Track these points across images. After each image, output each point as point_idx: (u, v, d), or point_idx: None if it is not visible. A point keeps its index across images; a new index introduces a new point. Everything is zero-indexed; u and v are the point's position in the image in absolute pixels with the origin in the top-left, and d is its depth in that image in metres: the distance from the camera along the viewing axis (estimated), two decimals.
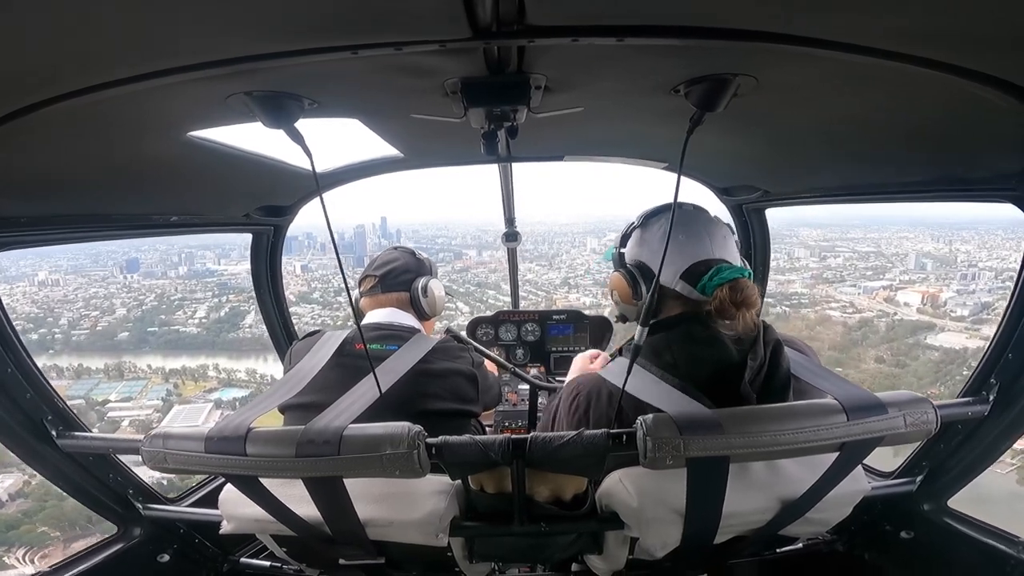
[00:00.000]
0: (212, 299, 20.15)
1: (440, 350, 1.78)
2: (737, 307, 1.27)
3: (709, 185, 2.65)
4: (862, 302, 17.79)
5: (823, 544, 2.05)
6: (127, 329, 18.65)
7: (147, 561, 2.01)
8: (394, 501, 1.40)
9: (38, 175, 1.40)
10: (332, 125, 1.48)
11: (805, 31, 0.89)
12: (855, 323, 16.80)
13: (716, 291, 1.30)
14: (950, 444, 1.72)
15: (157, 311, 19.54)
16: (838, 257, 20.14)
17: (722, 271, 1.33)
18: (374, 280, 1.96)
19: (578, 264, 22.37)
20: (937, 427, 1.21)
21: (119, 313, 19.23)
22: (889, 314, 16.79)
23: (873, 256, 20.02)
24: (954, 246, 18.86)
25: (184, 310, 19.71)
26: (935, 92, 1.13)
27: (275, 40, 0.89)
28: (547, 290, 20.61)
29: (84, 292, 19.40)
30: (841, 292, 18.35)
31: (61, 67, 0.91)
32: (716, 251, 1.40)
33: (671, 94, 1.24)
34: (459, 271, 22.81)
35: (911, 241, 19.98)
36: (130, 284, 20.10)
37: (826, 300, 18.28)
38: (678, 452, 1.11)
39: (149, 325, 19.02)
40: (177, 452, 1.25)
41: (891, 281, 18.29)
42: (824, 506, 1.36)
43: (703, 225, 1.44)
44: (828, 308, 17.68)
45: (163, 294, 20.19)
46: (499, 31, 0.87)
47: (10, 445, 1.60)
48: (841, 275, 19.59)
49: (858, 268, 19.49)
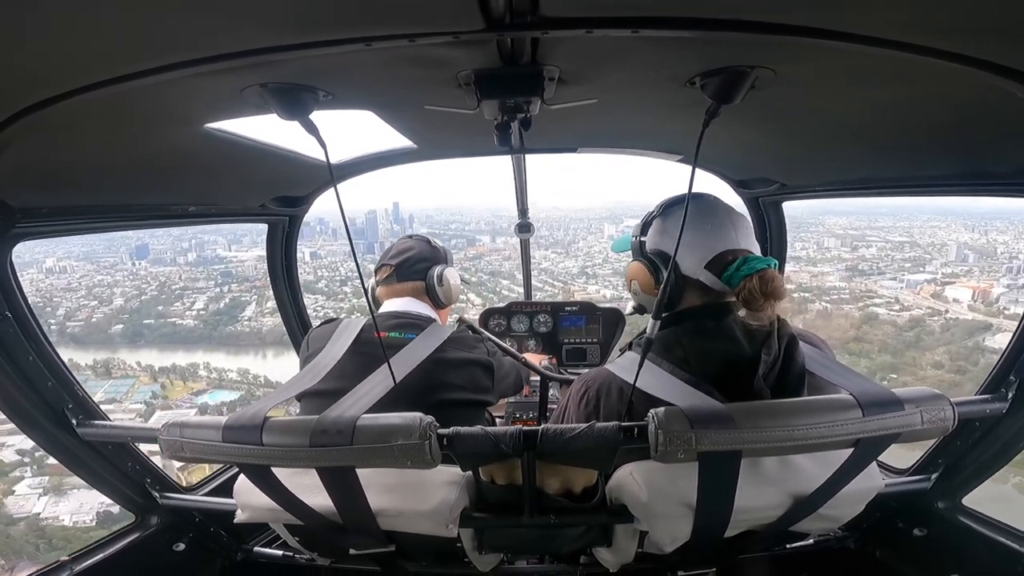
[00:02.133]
0: (214, 288, 19.87)
1: (456, 339, 1.83)
2: (766, 297, 1.28)
3: (725, 177, 2.67)
4: (907, 297, 17.17)
5: (834, 540, 2.08)
6: (122, 321, 18.30)
7: (163, 549, 2.09)
8: (405, 491, 1.44)
9: (59, 167, 1.46)
10: (346, 117, 1.52)
11: (824, 23, 0.90)
12: (905, 322, 16.21)
13: (744, 281, 1.31)
14: (967, 441, 1.74)
15: (156, 301, 19.19)
16: (870, 247, 19.63)
17: (750, 261, 1.34)
18: (390, 269, 1.99)
19: (596, 252, 22.12)
20: (955, 424, 1.22)
21: (116, 304, 18.86)
22: (940, 312, 16.13)
23: (908, 246, 19.46)
24: (990, 236, 18.31)
25: (183, 301, 19.35)
26: (956, 85, 1.13)
27: (290, 32, 0.92)
28: (564, 280, 20.40)
29: (90, 280, 19.17)
30: (881, 286, 17.74)
31: (81, 60, 0.95)
32: (742, 241, 1.43)
33: (686, 86, 1.26)
34: (472, 259, 22.69)
35: (944, 231, 19.43)
36: (136, 272, 19.95)
37: (867, 295, 17.67)
38: (690, 446, 1.13)
39: (146, 317, 18.71)
40: (194, 441, 1.29)
41: (934, 274, 17.71)
42: (837, 502, 1.38)
43: (728, 215, 1.46)
44: (872, 304, 17.05)
45: (165, 283, 19.88)
46: (513, 22, 0.89)
47: (31, 434, 1.68)
48: (878, 267, 19.01)
49: (895, 260, 18.96)
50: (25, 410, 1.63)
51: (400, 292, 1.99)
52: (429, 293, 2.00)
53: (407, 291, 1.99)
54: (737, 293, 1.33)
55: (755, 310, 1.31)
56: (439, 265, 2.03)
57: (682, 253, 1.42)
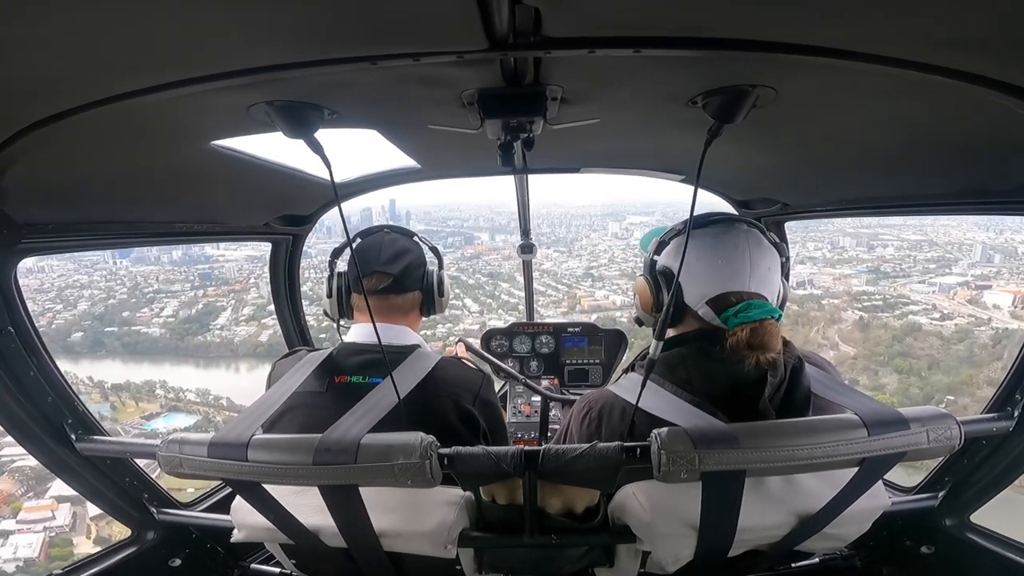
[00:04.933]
0: (190, 291, 19.00)
1: (438, 380, 1.63)
2: (752, 350, 1.32)
3: (727, 198, 2.75)
4: (943, 303, 16.78)
5: (840, 559, 2.12)
6: (84, 328, 17.34)
7: (159, 565, 2.13)
8: (404, 511, 1.46)
9: (65, 182, 1.51)
10: (351, 136, 1.58)
11: (825, 41, 0.94)
12: (951, 333, 15.81)
13: (736, 329, 1.34)
14: (974, 460, 1.80)
15: (123, 306, 18.18)
16: (887, 247, 19.53)
17: (751, 309, 1.35)
18: (388, 279, 1.71)
19: (600, 251, 22.00)
20: (961, 443, 1.25)
21: (81, 308, 17.94)
22: (983, 320, 15.68)
23: (926, 245, 19.29)
24: (1006, 236, 18.18)
25: (151, 307, 18.41)
26: (957, 102, 1.17)
27: (296, 50, 0.96)
28: (568, 283, 20.18)
29: (66, 280, 18.53)
30: (912, 290, 17.27)
31: (88, 77, 0.99)
32: (753, 284, 1.43)
33: (688, 105, 1.30)
34: (469, 258, 22.54)
35: (957, 229, 19.21)
36: (115, 271, 19.44)
37: (900, 300, 17.34)
38: (693, 466, 1.17)
39: (109, 324, 17.77)
40: (193, 457, 1.33)
41: (963, 276, 17.43)
42: (842, 521, 1.41)
43: (748, 253, 1.45)
44: (909, 312, 16.55)
45: (137, 286, 18.98)
46: (516, 42, 0.93)
47: (30, 448, 1.71)
48: (901, 268, 18.78)
49: (917, 260, 18.82)
50: (24, 424, 1.67)
51: (396, 307, 1.75)
52: (424, 304, 1.81)
53: (405, 306, 1.77)
54: (728, 336, 1.36)
55: (738, 359, 1.34)
56: (432, 267, 1.83)
57: (688, 281, 1.46)
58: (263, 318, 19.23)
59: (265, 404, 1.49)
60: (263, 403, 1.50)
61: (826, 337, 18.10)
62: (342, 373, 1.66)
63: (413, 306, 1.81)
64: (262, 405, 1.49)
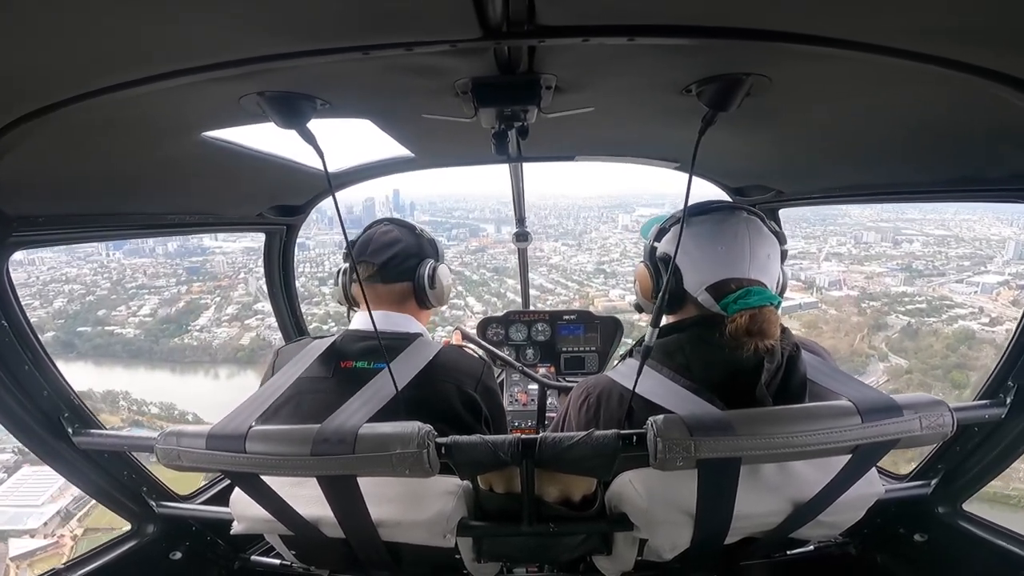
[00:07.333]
0: (174, 287, 18.40)
1: (440, 367, 1.69)
2: (751, 336, 1.36)
3: (721, 185, 2.81)
4: (988, 305, 16.27)
5: (835, 547, 2.19)
6: (56, 327, 16.63)
7: (160, 558, 2.18)
8: (403, 501, 1.50)
9: (56, 175, 1.53)
10: (344, 125, 1.61)
11: (819, 30, 0.95)
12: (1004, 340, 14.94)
13: (736, 315, 1.38)
14: (966, 447, 1.85)
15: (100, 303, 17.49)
16: (913, 243, 19.10)
17: (751, 296, 1.40)
18: (371, 268, 1.81)
19: (612, 245, 21.69)
20: (953, 430, 1.29)
21: (56, 306, 17.29)
22: None
23: (952, 241, 18.82)
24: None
25: (128, 305, 17.75)
26: (951, 90, 1.20)
27: (287, 40, 0.98)
28: (579, 280, 19.72)
29: (53, 274, 18.05)
30: (951, 290, 16.62)
31: (78, 68, 1.00)
32: (753, 271, 1.47)
33: (683, 94, 1.34)
34: (474, 251, 22.28)
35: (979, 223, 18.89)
36: (108, 264, 19.08)
37: (944, 303, 16.62)
38: (688, 453, 1.21)
39: (82, 323, 17.14)
40: (191, 450, 1.36)
41: (1000, 275, 17.02)
42: (837, 509, 1.46)
43: (748, 241, 1.49)
44: (957, 316, 15.80)
45: (120, 280, 18.41)
46: (509, 31, 0.94)
47: (27, 443, 1.74)
48: (935, 266, 18.06)
49: (949, 257, 18.33)
50: (20, 419, 1.70)
51: (384, 297, 1.83)
52: (417, 295, 1.86)
53: (392, 295, 1.84)
54: (727, 323, 1.40)
55: (737, 346, 1.38)
56: (428, 261, 1.88)
57: (688, 268, 1.50)
58: (247, 318, 18.90)
59: (267, 392, 1.53)
60: (265, 391, 1.53)
61: (873, 346, 17.38)
62: (347, 358, 1.73)
63: (404, 296, 1.86)
64: (264, 393, 1.52)
